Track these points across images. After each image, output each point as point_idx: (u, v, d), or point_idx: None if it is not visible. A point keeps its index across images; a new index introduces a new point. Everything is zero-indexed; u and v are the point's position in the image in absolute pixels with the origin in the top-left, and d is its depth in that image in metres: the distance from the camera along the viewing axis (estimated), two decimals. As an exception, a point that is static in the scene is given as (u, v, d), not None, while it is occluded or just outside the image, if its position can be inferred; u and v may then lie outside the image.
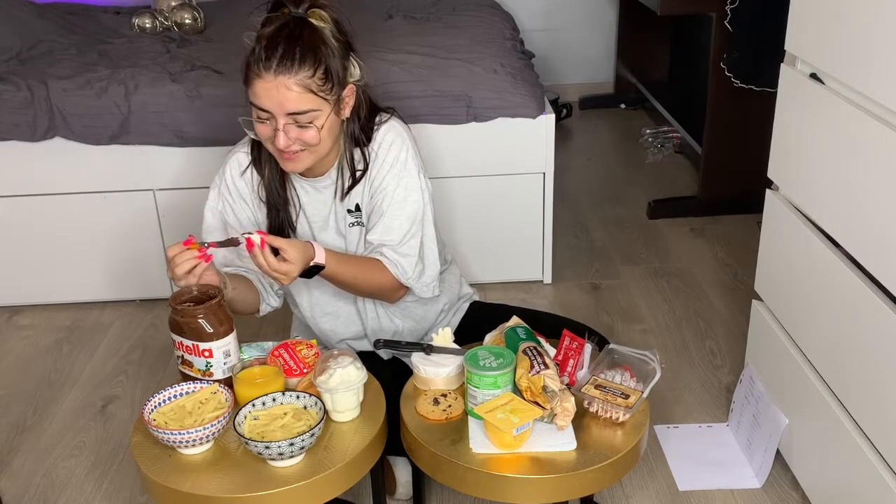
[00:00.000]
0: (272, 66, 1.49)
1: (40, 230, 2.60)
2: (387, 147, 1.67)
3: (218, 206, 1.73)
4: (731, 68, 2.92)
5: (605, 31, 4.43)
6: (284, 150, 1.54)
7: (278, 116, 1.51)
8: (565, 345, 1.56)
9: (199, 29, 3.19)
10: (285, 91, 1.49)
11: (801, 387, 1.71)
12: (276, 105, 1.50)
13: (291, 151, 1.55)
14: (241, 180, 1.71)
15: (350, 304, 1.81)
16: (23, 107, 2.44)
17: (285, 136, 1.52)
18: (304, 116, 1.52)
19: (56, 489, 1.95)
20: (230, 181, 1.72)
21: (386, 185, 1.67)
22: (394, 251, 1.67)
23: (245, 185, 1.71)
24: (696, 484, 1.87)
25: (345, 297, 1.79)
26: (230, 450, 1.40)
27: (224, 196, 1.73)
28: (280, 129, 1.52)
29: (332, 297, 1.80)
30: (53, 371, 2.39)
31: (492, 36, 2.89)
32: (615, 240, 3.02)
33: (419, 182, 1.69)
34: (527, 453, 1.37)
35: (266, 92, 1.50)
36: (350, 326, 1.83)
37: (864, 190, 1.42)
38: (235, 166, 1.72)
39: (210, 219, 1.75)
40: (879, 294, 1.40)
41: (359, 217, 1.72)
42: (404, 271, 1.67)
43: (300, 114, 1.51)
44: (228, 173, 1.72)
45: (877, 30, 1.34)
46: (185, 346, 1.49)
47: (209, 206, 1.74)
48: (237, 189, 1.72)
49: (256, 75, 1.51)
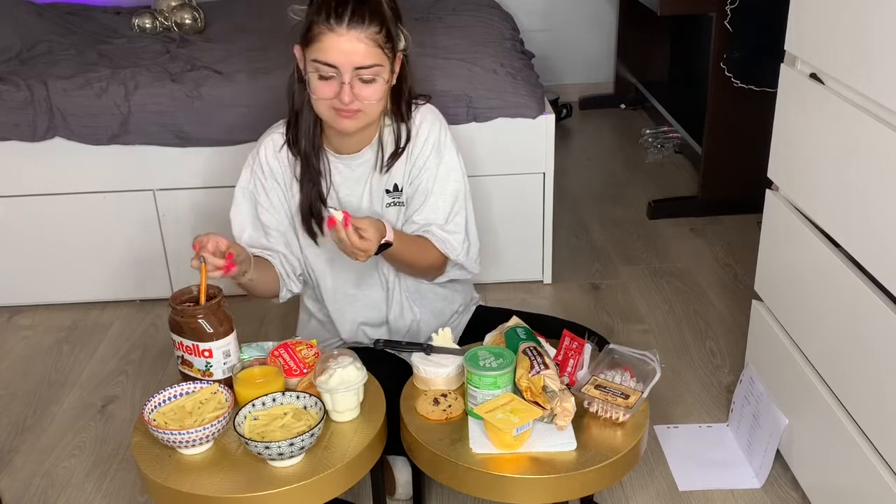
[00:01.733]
0: (344, 20, 1.52)
1: (40, 230, 2.60)
2: (427, 127, 1.72)
3: (249, 186, 1.76)
4: (731, 68, 2.92)
5: (605, 31, 4.43)
6: (347, 106, 1.57)
7: (345, 71, 1.54)
8: (565, 345, 1.56)
9: (199, 29, 3.19)
10: (356, 44, 1.53)
11: (801, 387, 1.71)
12: (346, 59, 1.54)
13: (352, 109, 1.58)
14: (274, 160, 1.74)
15: (376, 289, 1.82)
16: (23, 107, 2.44)
17: (350, 91, 1.55)
18: (369, 71, 1.56)
19: (56, 489, 1.95)
20: (264, 161, 1.74)
21: (429, 164, 1.72)
22: (441, 229, 1.72)
23: (278, 165, 1.74)
24: (696, 484, 1.87)
25: (370, 284, 1.82)
26: (230, 450, 1.40)
27: (257, 175, 1.75)
28: (346, 83, 1.55)
29: (356, 282, 1.82)
30: (53, 371, 2.39)
31: (492, 36, 2.89)
32: (615, 240, 3.02)
33: (458, 161, 1.75)
34: (527, 453, 1.37)
35: (336, 46, 1.53)
36: (372, 312, 1.84)
37: (864, 190, 1.42)
38: (270, 146, 1.74)
39: (241, 198, 1.77)
40: (879, 294, 1.40)
41: (397, 198, 1.75)
42: (453, 248, 1.73)
43: (367, 68, 1.55)
44: (263, 153, 1.74)
45: (877, 30, 1.35)
46: (185, 346, 1.49)
47: (241, 185, 1.77)
48: (270, 169, 1.74)
49: (328, 30, 1.53)
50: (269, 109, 2.47)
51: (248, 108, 2.46)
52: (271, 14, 3.40)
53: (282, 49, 2.80)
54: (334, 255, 1.75)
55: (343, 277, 1.82)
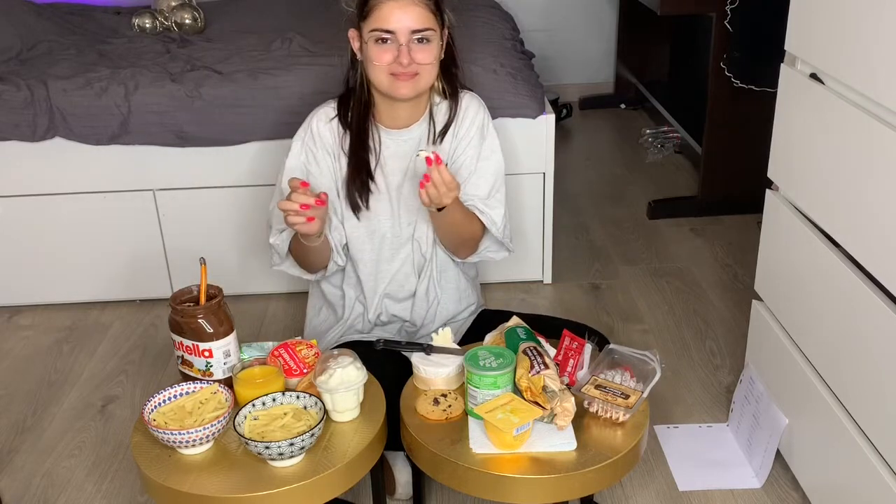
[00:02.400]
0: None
1: (40, 230, 2.60)
2: (474, 110, 1.85)
3: (301, 157, 1.83)
4: (731, 68, 2.92)
5: (605, 31, 4.43)
6: (406, 68, 1.67)
7: (401, 35, 1.66)
8: (565, 345, 1.56)
9: (199, 29, 3.19)
10: (413, 8, 1.65)
11: (801, 387, 1.71)
12: (404, 23, 1.65)
13: (410, 73, 1.68)
14: (326, 129, 1.82)
15: (407, 264, 1.89)
16: (23, 107, 2.44)
17: (408, 53, 1.66)
18: (425, 34, 1.67)
19: (56, 489, 1.95)
20: (315, 130, 1.82)
21: (472, 143, 1.84)
22: (484, 203, 1.82)
23: (329, 135, 1.82)
24: (696, 484, 1.87)
25: (401, 258, 1.89)
26: (230, 450, 1.40)
27: (308, 146, 1.83)
28: (404, 45, 1.66)
29: (390, 256, 1.88)
30: (53, 371, 2.39)
31: (492, 36, 2.89)
32: (615, 240, 3.02)
33: (498, 144, 1.88)
34: (527, 453, 1.37)
35: (394, 12, 1.65)
36: (401, 286, 1.91)
37: (864, 190, 1.42)
38: (323, 117, 1.83)
39: (293, 167, 1.82)
40: (879, 294, 1.40)
41: None
42: (493, 222, 1.83)
43: (423, 31, 1.67)
44: (315, 123, 1.83)
45: (877, 30, 1.34)
46: (185, 346, 1.49)
47: (292, 154, 1.84)
48: (322, 138, 1.82)
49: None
50: (269, 109, 2.47)
51: (248, 108, 2.46)
52: (271, 14, 3.40)
53: (282, 49, 2.81)
54: (374, 228, 1.86)
55: (379, 250, 1.88)
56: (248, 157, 2.52)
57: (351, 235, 1.86)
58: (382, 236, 1.86)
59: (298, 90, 2.46)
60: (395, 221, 1.86)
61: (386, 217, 1.86)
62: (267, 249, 1.87)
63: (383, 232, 1.86)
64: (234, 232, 2.61)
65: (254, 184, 2.55)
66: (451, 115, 1.83)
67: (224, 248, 2.62)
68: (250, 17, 3.38)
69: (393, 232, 1.87)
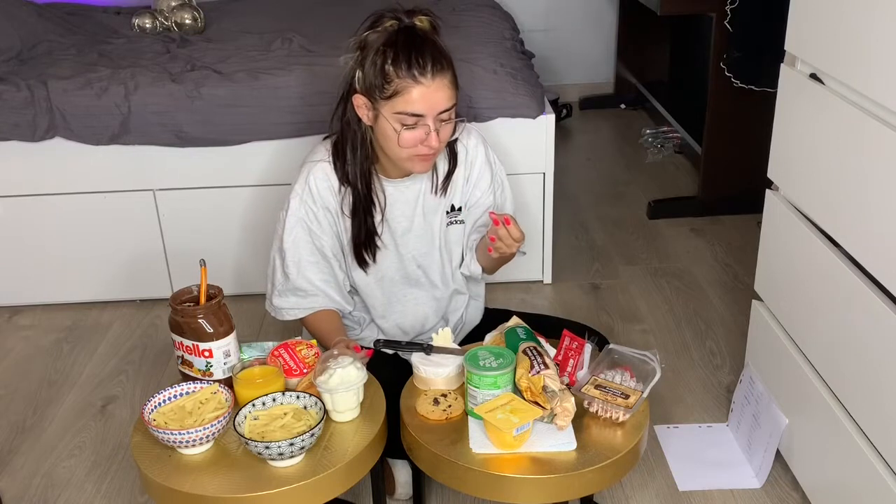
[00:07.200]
0: (428, 70, 1.56)
1: (40, 230, 2.60)
2: (473, 144, 1.82)
3: (300, 214, 1.75)
4: (731, 68, 2.92)
5: (605, 31, 4.43)
6: (435, 150, 1.62)
7: (430, 118, 1.59)
8: (565, 345, 1.56)
9: (199, 29, 3.19)
10: (442, 91, 1.59)
11: (801, 387, 1.71)
12: (432, 107, 1.58)
13: (434, 152, 1.64)
14: (325, 189, 1.74)
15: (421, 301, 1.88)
16: (23, 107, 2.44)
17: (437, 137, 1.60)
18: (448, 113, 1.62)
19: (56, 489, 1.95)
20: (314, 189, 1.74)
21: (485, 176, 1.83)
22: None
23: (330, 195, 1.75)
24: (696, 484, 1.87)
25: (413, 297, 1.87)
26: (230, 450, 1.40)
27: (307, 204, 1.75)
28: (433, 131, 1.60)
29: (401, 296, 1.87)
30: (53, 371, 2.39)
31: (492, 36, 2.89)
32: (615, 240, 3.02)
33: (501, 165, 1.89)
34: (527, 453, 1.37)
35: (425, 97, 1.57)
36: (415, 319, 1.90)
37: (864, 190, 1.42)
38: (321, 175, 1.74)
39: (293, 226, 1.76)
40: (879, 294, 1.40)
41: (456, 217, 1.84)
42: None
43: (447, 111, 1.61)
44: (312, 181, 1.74)
45: (877, 30, 1.35)
46: (185, 346, 1.49)
47: (291, 212, 1.75)
48: (322, 198, 1.74)
49: (414, 83, 1.57)
50: (269, 109, 2.47)
51: (248, 108, 2.46)
52: (271, 14, 3.40)
53: (282, 49, 2.81)
54: (381, 275, 1.84)
55: (389, 293, 1.87)
56: (249, 157, 2.52)
57: (359, 283, 1.85)
58: (391, 279, 1.85)
59: (298, 90, 2.46)
60: (401, 265, 1.84)
61: (392, 262, 1.83)
62: (267, 249, 1.86)
63: (391, 276, 1.84)
64: (234, 232, 2.61)
65: (254, 184, 2.55)
66: (452, 163, 1.80)
67: (224, 247, 2.62)
68: (250, 17, 3.38)
69: (401, 274, 1.85)
